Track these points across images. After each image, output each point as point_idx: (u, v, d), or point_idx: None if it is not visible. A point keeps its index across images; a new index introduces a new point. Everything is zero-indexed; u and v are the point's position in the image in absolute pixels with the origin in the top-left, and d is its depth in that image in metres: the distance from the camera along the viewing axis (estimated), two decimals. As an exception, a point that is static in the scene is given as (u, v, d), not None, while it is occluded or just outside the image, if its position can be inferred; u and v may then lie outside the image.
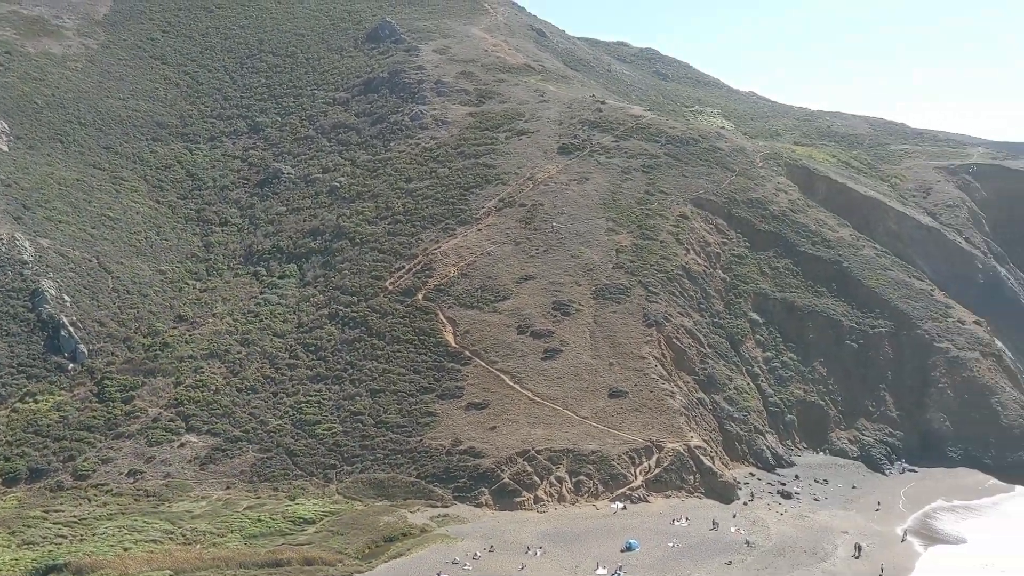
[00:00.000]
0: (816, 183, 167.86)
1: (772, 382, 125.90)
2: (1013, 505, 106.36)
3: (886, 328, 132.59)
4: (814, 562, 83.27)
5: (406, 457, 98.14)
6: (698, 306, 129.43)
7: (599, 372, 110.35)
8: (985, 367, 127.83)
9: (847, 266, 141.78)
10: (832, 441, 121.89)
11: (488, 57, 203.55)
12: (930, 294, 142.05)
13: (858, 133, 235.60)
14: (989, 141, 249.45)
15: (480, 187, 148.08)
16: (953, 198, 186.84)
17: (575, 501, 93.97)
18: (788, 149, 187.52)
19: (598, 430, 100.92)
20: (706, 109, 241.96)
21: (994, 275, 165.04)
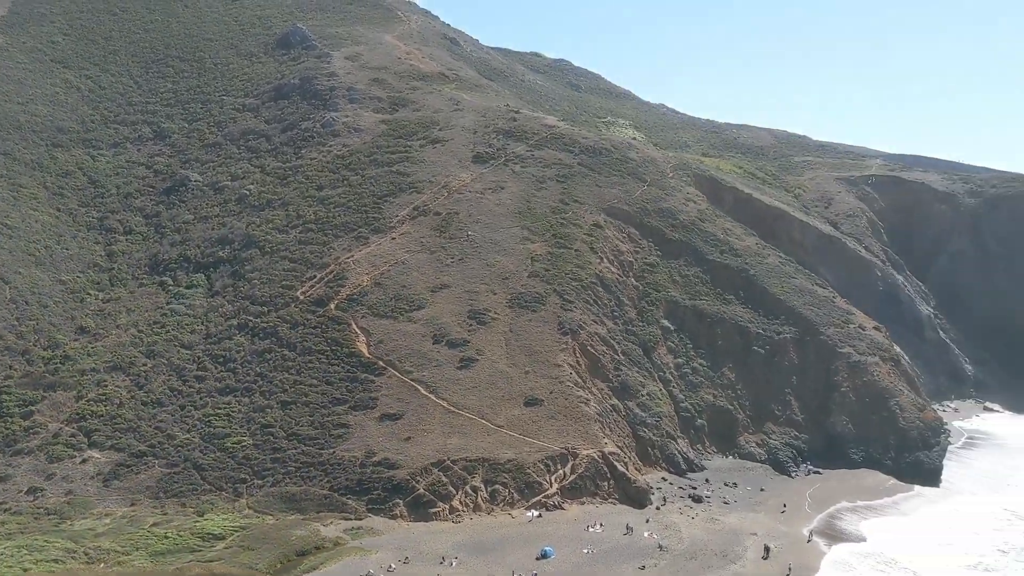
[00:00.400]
0: (723, 193, 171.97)
1: (683, 388, 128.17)
2: (911, 504, 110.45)
3: (791, 334, 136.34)
4: (725, 564, 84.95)
5: (319, 470, 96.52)
6: (612, 314, 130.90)
7: (515, 380, 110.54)
8: (884, 371, 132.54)
9: (754, 274, 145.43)
10: (741, 445, 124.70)
11: (401, 65, 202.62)
12: (832, 301, 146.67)
13: (763, 145, 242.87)
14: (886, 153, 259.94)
15: (394, 195, 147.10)
16: (853, 208, 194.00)
17: (491, 510, 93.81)
18: (697, 160, 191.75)
19: (514, 438, 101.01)
20: (618, 120, 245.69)
21: (891, 282, 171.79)
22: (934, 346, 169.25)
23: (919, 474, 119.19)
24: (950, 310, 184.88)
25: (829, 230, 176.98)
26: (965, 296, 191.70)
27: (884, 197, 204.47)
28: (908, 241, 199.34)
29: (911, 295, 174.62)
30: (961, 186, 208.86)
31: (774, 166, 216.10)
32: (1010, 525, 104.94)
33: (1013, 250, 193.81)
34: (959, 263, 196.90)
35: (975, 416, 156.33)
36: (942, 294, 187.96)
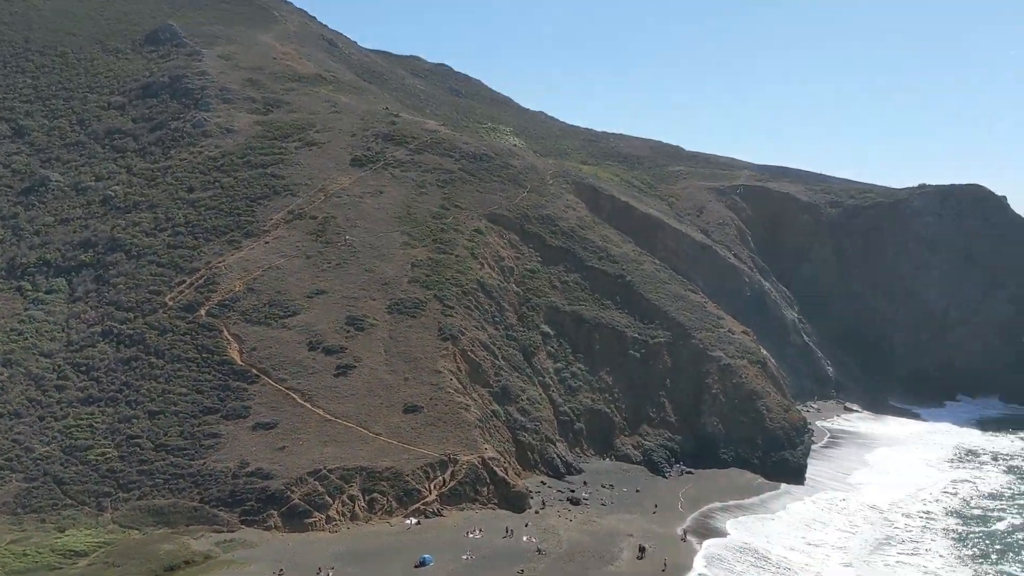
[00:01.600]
0: (602, 201, 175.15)
1: (563, 392, 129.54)
2: (779, 502, 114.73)
3: (665, 338, 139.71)
4: (601, 565, 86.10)
5: (188, 481, 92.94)
6: (493, 319, 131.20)
7: (394, 388, 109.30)
8: (752, 373, 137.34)
9: (630, 280, 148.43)
10: (618, 447, 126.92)
11: (277, 65, 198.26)
12: (704, 306, 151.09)
13: (639, 154, 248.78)
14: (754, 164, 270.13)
15: (268, 198, 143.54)
16: (723, 217, 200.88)
17: (369, 519, 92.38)
18: (576, 168, 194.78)
19: (393, 446, 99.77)
20: (499, 127, 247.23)
21: (759, 288, 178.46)
22: (798, 349, 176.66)
23: (785, 472, 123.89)
24: (813, 315, 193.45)
25: (701, 238, 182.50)
26: (826, 302, 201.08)
27: (752, 207, 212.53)
28: (774, 249, 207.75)
29: (777, 300, 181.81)
30: (823, 197, 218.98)
31: (649, 175, 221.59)
32: (871, 519, 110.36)
33: (869, 258, 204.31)
34: (821, 270, 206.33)
35: (837, 416, 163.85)
36: (805, 300, 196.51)
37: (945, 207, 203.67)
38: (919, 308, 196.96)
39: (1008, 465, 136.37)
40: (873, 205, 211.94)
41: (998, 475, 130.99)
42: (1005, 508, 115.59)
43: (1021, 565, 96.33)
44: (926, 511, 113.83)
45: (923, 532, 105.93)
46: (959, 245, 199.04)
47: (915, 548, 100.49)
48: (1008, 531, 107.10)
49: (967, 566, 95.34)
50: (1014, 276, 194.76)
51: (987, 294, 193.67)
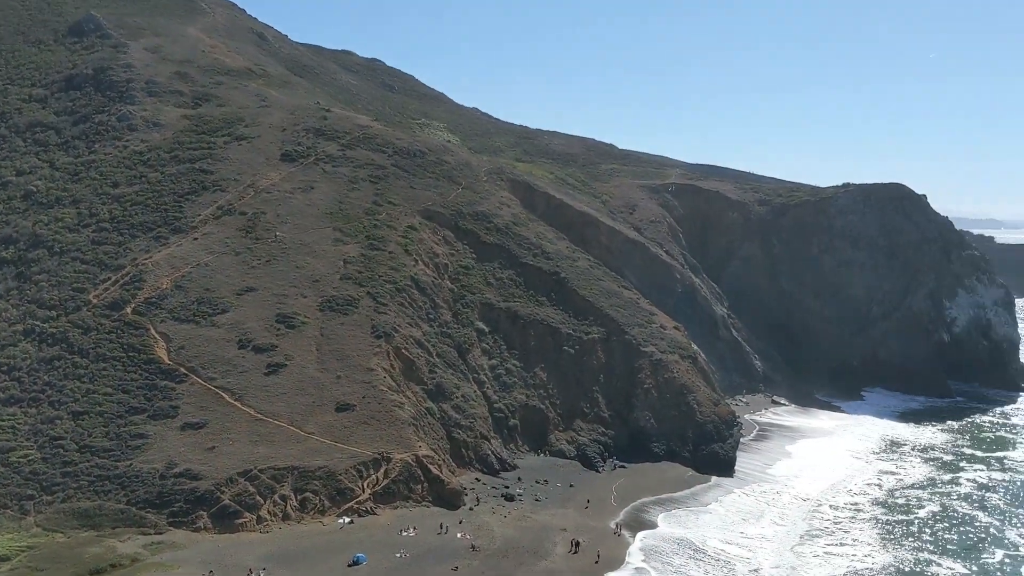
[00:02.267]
0: (536, 198, 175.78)
1: (497, 389, 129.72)
2: (710, 495, 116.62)
3: (599, 334, 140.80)
4: (536, 561, 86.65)
5: (115, 483, 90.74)
6: (427, 316, 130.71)
7: (326, 386, 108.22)
8: (683, 368, 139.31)
9: (564, 277, 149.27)
10: (552, 443, 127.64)
11: (205, 58, 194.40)
12: (636, 302, 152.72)
13: (573, 152, 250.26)
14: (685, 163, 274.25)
15: (196, 194, 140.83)
16: (655, 214, 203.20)
17: (301, 519, 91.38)
18: (510, 165, 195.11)
19: (325, 445, 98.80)
20: (432, 123, 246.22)
21: (689, 285, 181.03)
22: (727, 344, 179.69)
23: (715, 465, 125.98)
24: (741, 310, 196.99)
25: (634, 235, 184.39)
26: (754, 297, 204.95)
27: (683, 204, 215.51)
28: (704, 246, 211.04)
29: (707, 296, 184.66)
30: (752, 195, 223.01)
31: (583, 173, 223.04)
32: (800, 511, 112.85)
33: (796, 255, 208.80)
34: (749, 267, 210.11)
35: (765, 409, 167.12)
36: (734, 295, 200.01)
37: (868, 205, 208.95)
38: (843, 303, 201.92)
39: (929, 456, 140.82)
40: (800, 204, 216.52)
41: (919, 465, 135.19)
42: (926, 497, 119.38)
43: (939, 551, 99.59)
44: (853, 502, 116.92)
45: (851, 522, 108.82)
46: (881, 242, 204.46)
47: (843, 538, 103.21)
48: (927, 519, 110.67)
49: (890, 553, 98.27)
50: (932, 272, 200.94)
51: (907, 289, 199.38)
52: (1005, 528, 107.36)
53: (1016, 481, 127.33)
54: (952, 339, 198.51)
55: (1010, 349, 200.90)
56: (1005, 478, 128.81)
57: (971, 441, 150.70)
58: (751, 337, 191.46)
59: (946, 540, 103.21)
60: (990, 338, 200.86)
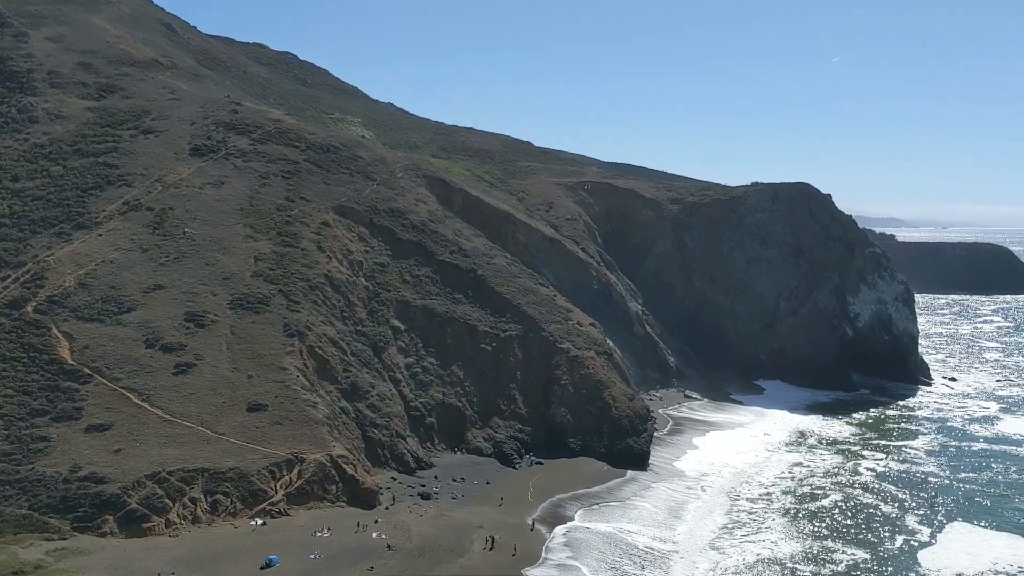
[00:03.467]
0: (453, 195, 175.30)
1: (414, 387, 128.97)
2: (625, 489, 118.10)
3: (516, 331, 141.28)
4: (452, 559, 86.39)
5: (15, 488, 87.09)
6: (341, 314, 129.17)
7: (238, 386, 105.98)
8: (599, 365, 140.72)
9: (482, 274, 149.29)
10: (469, 440, 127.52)
11: (111, 49, 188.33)
12: (553, 300, 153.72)
13: (490, 149, 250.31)
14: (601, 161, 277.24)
15: (101, 189, 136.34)
16: (572, 212, 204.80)
17: (212, 522, 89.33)
18: (427, 161, 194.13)
19: (237, 446, 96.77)
20: (347, 117, 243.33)
21: (605, 282, 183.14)
22: (642, 340, 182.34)
23: (630, 460, 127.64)
24: (655, 307, 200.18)
25: (551, 233, 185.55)
26: (668, 294, 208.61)
27: (599, 202, 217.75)
28: (620, 243, 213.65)
29: (622, 293, 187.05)
30: (665, 194, 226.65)
31: (500, 170, 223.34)
32: (713, 503, 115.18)
33: (708, 253, 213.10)
34: (663, 264, 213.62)
35: (678, 404, 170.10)
36: (649, 292, 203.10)
37: (776, 204, 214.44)
38: (753, 299, 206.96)
39: (835, 447, 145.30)
40: (711, 202, 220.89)
41: (826, 456, 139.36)
42: (832, 487, 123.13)
43: (843, 539, 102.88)
44: (764, 492, 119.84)
45: (764, 513, 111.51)
46: (788, 240, 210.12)
47: (757, 528, 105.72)
48: (833, 508, 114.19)
49: (798, 542, 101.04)
50: (837, 269, 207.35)
51: (813, 286, 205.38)
52: (904, 516, 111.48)
53: (914, 471, 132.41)
54: (855, 334, 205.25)
55: (909, 343, 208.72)
56: (905, 468, 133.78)
57: (874, 432, 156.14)
58: (665, 333, 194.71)
59: (850, 528, 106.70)
60: (891, 332, 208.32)
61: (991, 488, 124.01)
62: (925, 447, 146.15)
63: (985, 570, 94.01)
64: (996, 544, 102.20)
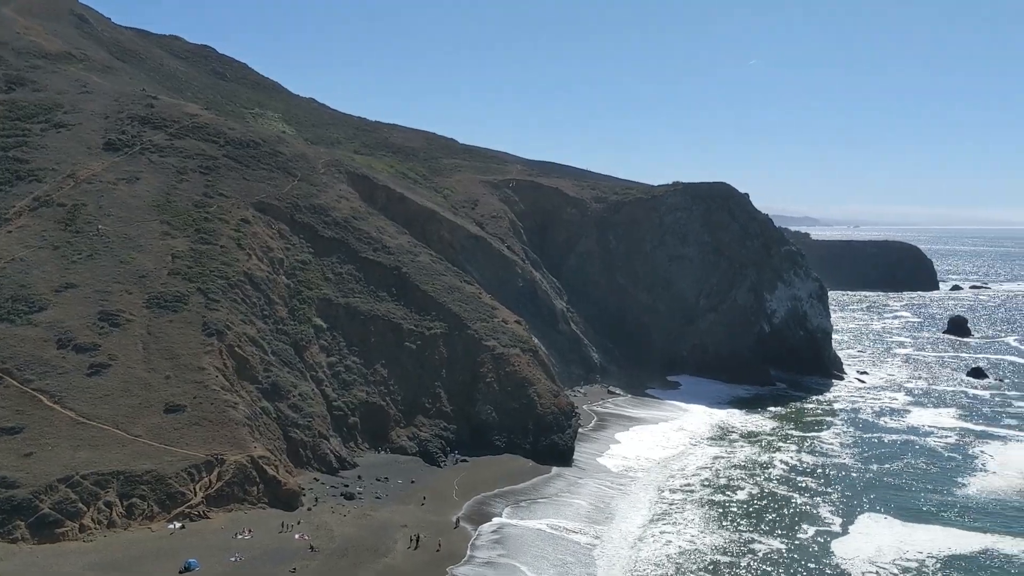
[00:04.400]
0: (376, 192, 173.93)
1: (336, 386, 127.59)
2: (550, 484, 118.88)
3: (441, 329, 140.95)
4: (376, 558, 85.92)
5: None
6: (261, 313, 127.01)
7: (154, 386, 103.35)
8: (524, 362, 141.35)
9: (406, 272, 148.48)
10: (393, 439, 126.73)
11: (20, 40, 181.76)
12: (479, 297, 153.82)
13: (414, 146, 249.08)
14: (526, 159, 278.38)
15: (10, 184, 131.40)
16: (497, 210, 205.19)
17: (128, 526, 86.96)
18: (349, 157, 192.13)
19: (153, 448, 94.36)
20: (267, 113, 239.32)
21: (530, 279, 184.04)
22: (567, 337, 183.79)
23: (555, 456, 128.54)
24: (580, 304, 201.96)
25: (476, 230, 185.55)
26: (592, 291, 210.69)
27: (524, 200, 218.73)
28: (544, 241, 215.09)
29: (547, 291, 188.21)
30: (589, 192, 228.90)
31: (424, 167, 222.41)
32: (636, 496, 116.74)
33: (630, 251, 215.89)
34: (587, 262, 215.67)
35: (602, 400, 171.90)
36: (573, 289, 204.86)
37: (696, 203, 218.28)
38: (674, 297, 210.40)
39: (753, 440, 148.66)
40: (633, 201, 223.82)
41: (745, 449, 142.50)
42: (750, 479, 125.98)
43: (760, 530, 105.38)
44: (687, 485, 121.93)
45: (686, 505, 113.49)
46: (707, 238, 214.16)
47: (679, 520, 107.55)
48: (749, 499, 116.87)
49: (718, 533, 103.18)
50: (754, 267, 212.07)
51: (732, 283, 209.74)
52: (819, 507, 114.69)
53: (829, 462, 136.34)
54: (772, 330, 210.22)
55: (824, 339, 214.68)
56: (819, 460, 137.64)
57: (791, 425, 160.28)
58: (589, 330, 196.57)
59: (767, 519, 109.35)
60: (806, 328, 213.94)
61: (902, 478, 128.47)
62: (839, 439, 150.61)
63: (895, 558, 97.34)
64: (905, 533, 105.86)
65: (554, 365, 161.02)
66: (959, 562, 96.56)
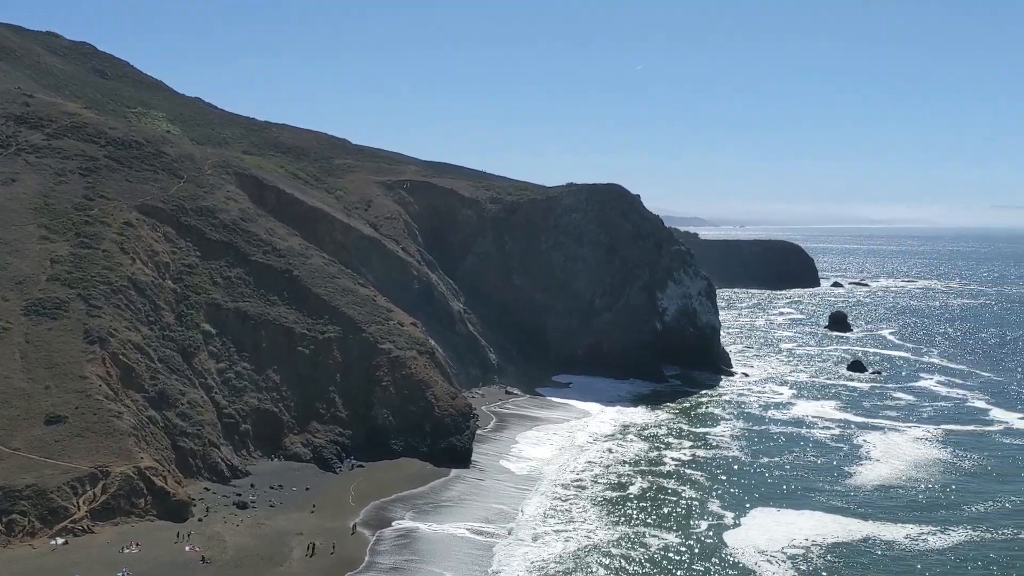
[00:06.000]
0: (266, 193, 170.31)
1: (227, 393, 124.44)
2: (449, 487, 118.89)
3: (335, 333, 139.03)
4: (271, 568, 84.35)
5: None
6: (147, 319, 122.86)
7: (33, 397, 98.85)
8: (421, 364, 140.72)
9: (298, 275, 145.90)
10: (287, 446, 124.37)
11: None
12: (374, 300, 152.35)
13: (305, 146, 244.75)
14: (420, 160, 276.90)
15: None
16: (391, 211, 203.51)
17: (7, 543, 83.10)
18: (237, 158, 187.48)
19: (34, 461, 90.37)
20: (150, 112, 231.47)
21: (426, 281, 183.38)
22: (464, 338, 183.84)
23: (453, 458, 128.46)
24: (477, 305, 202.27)
25: (370, 232, 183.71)
26: (489, 292, 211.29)
27: (419, 201, 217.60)
28: (440, 242, 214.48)
29: (444, 292, 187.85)
30: (484, 193, 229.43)
31: (316, 168, 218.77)
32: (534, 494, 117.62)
33: (527, 251, 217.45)
34: (484, 262, 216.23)
35: (500, 400, 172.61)
36: (470, 290, 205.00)
37: (590, 204, 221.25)
38: (570, 297, 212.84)
39: (649, 436, 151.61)
40: (529, 202, 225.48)
41: (641, 445, 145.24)
42: (644, 474, 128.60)
43: (654, 524, 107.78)
44: (584, 482, 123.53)
45: (582, 502, 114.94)
46: (602, 238, 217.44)
47: (576, 517, 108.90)
48: (643, 494, 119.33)
49: (614, 529, 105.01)
50: (647, 266, 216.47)
51: (625, 282, 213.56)
52: (711, 499, 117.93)
53: (720, 455, 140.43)
54: (664, 327, 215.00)
55: (712, 335, 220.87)
56: (711, 454, 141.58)
57: (683, 420, 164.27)
58: (486, 330, 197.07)
59: (661, 513, 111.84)
60: (696, 325, 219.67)
61: (789, 469, 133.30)
62: (729, 432, 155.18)
63: (783, 546, 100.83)
64: (794, 522, 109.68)
65: (451, 367, 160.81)
66: (842, 549, 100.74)
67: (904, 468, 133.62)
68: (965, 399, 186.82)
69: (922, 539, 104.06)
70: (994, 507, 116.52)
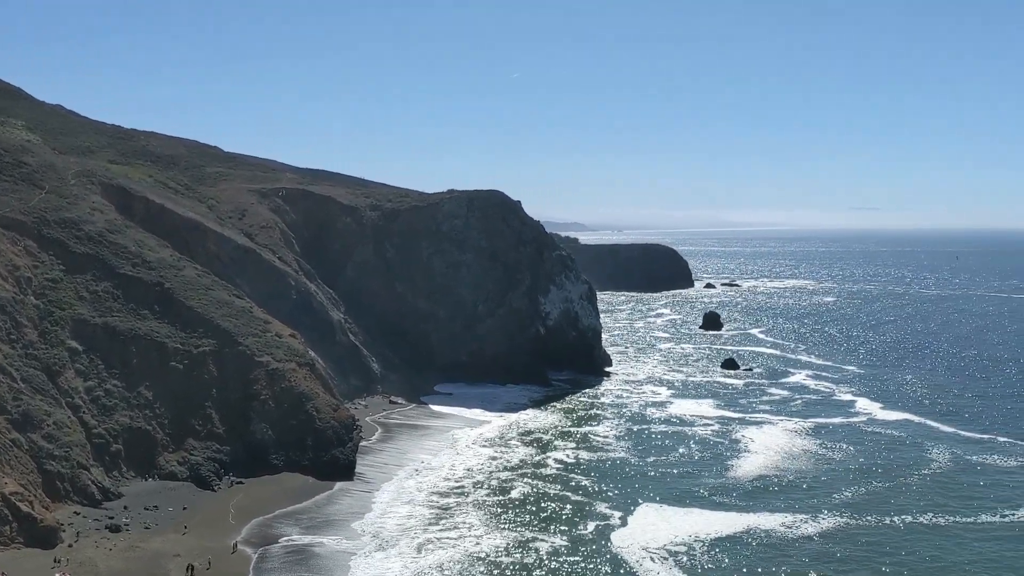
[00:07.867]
0: (134, 203, 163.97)
1: (96, 412, 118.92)
2: (333, 501, 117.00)
3: (210, 347, 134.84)
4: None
5: None
6: (8, 337, 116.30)
7: None
8: (301, 376, 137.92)
9: (169, 287, 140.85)
10: (162, 465, 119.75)
11: None
12: (250, 311, 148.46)
13: (174, 154, 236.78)
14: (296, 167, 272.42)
15: None
16: (267, 220, 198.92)
17: None
18: (103, 167, 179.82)
19: None
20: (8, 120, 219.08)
21: (305, 291, 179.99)
22: (345, 349, 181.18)
23: (337, 471, 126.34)
24: (359, 314, 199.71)
25: (245, 242, 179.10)
26: (370, 301, 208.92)
27: (296, 210, 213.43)
28: (319, 251, 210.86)
29: (323, 302, 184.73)
30: (363, 200, 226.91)
31: (186, 176, 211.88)
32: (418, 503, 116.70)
33: (408, 258, 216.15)
34: (364, 271, 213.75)
35: (384, 410, 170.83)
36: (350, 300, 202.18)
37: (471, 210, 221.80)
38: (453, 303, 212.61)
39: (535, 440, 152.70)
40: (410, 208, 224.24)
41: (527, 449, 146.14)
42: (529, 478, 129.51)
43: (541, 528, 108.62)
44: (469, 489, 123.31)
45: (468, 508, 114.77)
46: (484, 245, 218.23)
47: (462, 524, 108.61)
48: (529, 498, 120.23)
49: (500, 534, 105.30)
50: (529, 271, 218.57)
51: (508, 288, 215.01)
52: (597, 501, 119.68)
53: (605, 456, 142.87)
54: (547, 331, 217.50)
55: (594, 338, 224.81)
56: (596, 455, 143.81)
57: (568, 423, 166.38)
58: (368, 340, 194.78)
59: (547, 516, 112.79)
60: (578, 328, 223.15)
61: (671, 467, 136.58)
62: (613, 432, 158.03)
63: (666, 543, 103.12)
64: (678, 518, 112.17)
65: (332, 378, 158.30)
66: (724, 542, 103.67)
67: (779, 460, 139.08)
68: (832, 392, 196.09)
69: (796, 527, 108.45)
70: (861, 493, 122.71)
